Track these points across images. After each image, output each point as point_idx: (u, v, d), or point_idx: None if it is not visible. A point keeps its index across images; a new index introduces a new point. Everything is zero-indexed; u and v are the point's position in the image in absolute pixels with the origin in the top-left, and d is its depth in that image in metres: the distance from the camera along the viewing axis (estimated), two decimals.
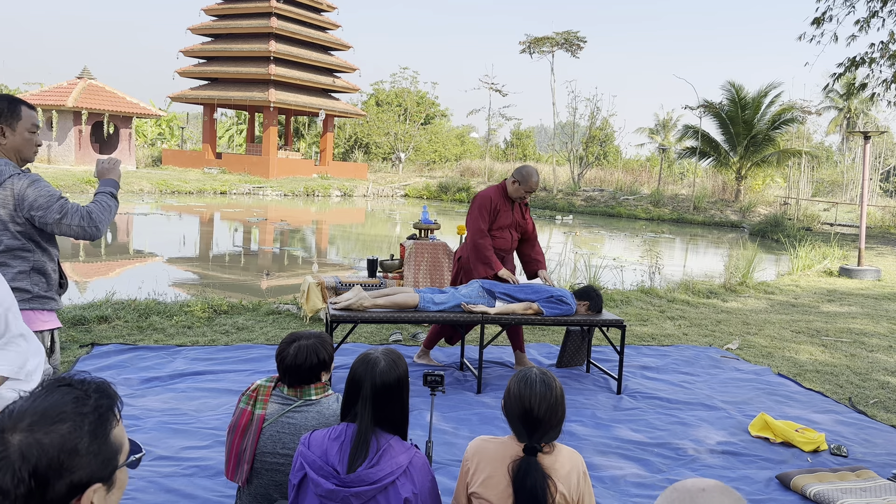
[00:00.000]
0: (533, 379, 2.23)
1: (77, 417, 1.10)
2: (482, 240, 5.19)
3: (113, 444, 1.13)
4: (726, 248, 17.97)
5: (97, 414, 1.12)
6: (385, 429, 2.17)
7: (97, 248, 12.42)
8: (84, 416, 1.10)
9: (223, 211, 20.43)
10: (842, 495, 3.47)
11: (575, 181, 31.23)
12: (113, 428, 1.14)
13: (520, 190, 5.25)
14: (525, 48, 31.81)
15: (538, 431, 2.19)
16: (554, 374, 2.30)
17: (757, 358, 6.26)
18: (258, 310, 6.85)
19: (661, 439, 4.21)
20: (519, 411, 2.21)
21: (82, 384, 1.15)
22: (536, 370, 2.28)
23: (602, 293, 6.68)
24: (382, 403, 2.17)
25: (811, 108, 28.92)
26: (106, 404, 1.14)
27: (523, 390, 2.21)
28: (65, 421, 1.09)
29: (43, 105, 27.64)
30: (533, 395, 2.19)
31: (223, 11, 32.09)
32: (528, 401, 2.19)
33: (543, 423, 2.19)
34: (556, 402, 2.21)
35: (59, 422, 1.08)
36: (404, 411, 2.23)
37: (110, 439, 1.13)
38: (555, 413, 2.21)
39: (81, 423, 1.10)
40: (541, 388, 2.20)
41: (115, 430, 1.14)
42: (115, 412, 1.16)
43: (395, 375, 2.20)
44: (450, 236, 11.68)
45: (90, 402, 1.13)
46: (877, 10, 14.49)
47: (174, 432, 3.88)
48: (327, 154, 34.23)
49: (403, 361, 2.28)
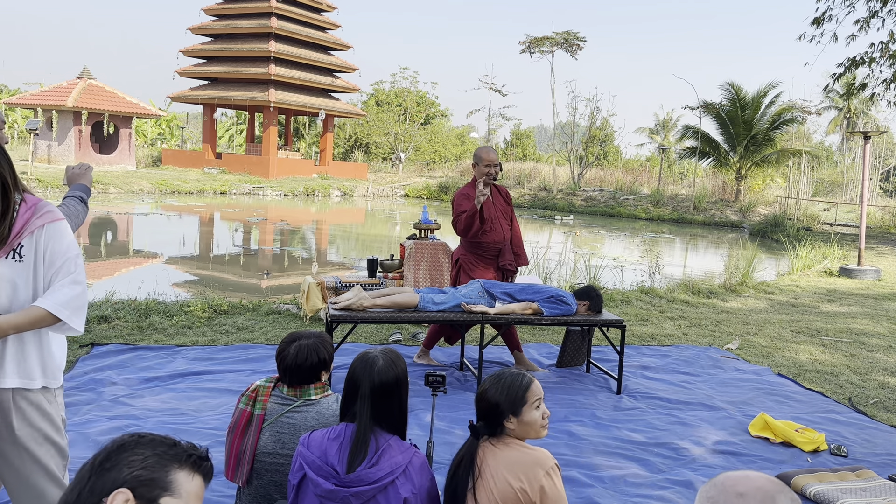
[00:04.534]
0: (497, 375, 2.33)
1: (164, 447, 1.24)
2: (460, 215, 5.21)
3: (168, 480, 1.20)
4: (726, 248, 17.97)
5: (182, 451, 1.24)
6: (384, 428, 2.17)
7: (97, 248, 12.42)
8: (171, 446, 1.24)
9: (223, 211, 20.43)
10: (842, 495, 3.47)
11: (575, 181, 31.23)
12: (182, 469, 1.22)
13: (481, 168, 5.23)
14: (525, 48, 31.81)
15: (485, 420, 2.27)
16: (514, 369, 2.36)
17: (757, 358, 6.26)
18: (258, 310, 6.85)
19: (661, 439, 4.21)
20: (477, 399, 2.32)
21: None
22: (506, 369, 2.38)
23: (602, 293, 6.68)
24: (380, 402, 2.17)
25: (811, 108, 28.94)
26: (196, 455, 1.25)
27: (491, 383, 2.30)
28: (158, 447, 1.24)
29: (43, 105, 27.64)
30: (490, 387, 2.29)
31: (223, 11, 32.08)
32: (483, 391, 2.29)
33: (489, 412, 2.26)
34: (500, 393, 2.25)
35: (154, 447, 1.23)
36: (403, 411, 2.23)
37: (171, 473, 1.20)
38: (494, 401, 2.26)
39: (157, 446, 1.23)
40: (492, 380, 2.31)
41: (181, 473, 1.22)
42: (195, 464, 1.24)
43: (394, 374, 2.20)
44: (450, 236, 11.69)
45: (184, 448, 1.26)
46: (877, 10, 14.49)
47: (174, 432, 3.88)
48: (327, 154, 34.22)
49: (402, 361, 2.28)
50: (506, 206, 5.44)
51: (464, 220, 5.16)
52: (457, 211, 5.27)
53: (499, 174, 5.32)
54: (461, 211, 5.23)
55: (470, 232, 5.20)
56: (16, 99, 29.06)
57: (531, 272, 9.70)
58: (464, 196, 5.30)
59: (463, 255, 5.39)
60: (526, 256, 5.58)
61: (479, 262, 5.36)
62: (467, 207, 5.20)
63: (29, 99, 28.50)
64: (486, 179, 5.21)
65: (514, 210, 5.57)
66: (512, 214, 5.51)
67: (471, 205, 5.19)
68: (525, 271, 9.01)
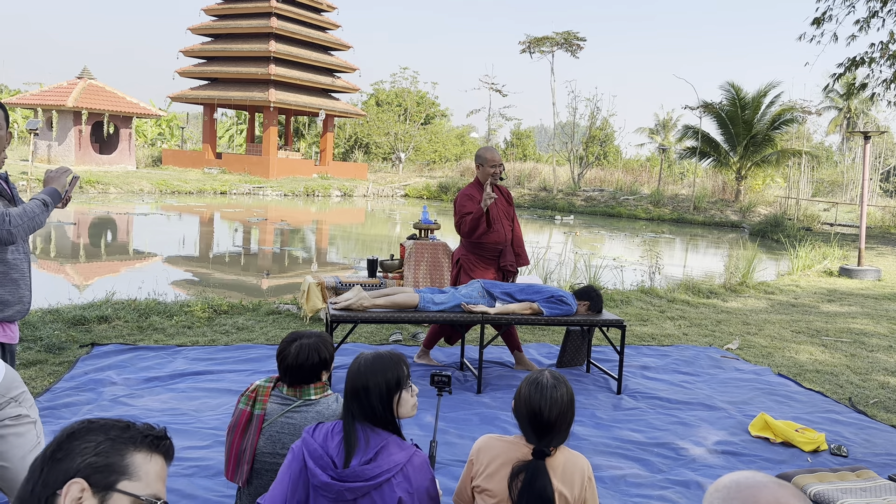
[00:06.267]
0: (545, 384, 2.24)
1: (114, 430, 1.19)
2: (465, 216, 5.19)
3: (124, 464, 1.15)
4: (726, 248, 17.96)
5: (137, 432, 1.20)
6: (376, 424, 2.16)
7: (97, 248, 12.42)
8: (124, 429, 1.19)
9: (223, 211, 20.43)
10: (842, 495, 3.47)
11: (575, 181, 31.23)
12: (138, 451, 1.17)
13: (487, 169, 5.23)
14: (525, 48, 31.80)
15: (548, 436, 2.21)
16: (565, 378, 2.30)
17: (757, 358, 6.25)
18: (258, 310, 6.85)
19: (661, 439, 4.21)
20: (529, 415, 2.22)
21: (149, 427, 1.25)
22: (549, 374, 2.29)
23: (602, 293, 6.68)
24: (356, 399, 2.16)
25: (811, 108, 28.91)
26: (153, 435, 1.21)
27: (534, 394, 2.22)
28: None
29: (43, 105, 27.63)
30: (544, 400, 2.20)
31: (223, 11, 32.08)
32: (538, 405, 2.20)
33: (553, 428, 2.20)
34: (566, 408, 2.23)
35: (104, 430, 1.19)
36: (386, 408, 2.18)
37: (127, 457, 1.16)
38: (565, 418, 2.23)
39: (108, 432, 1.18)
40: (552, 394, 2.21)
41: (138, 455, 1.17)
42: (152, 444, 1.20)
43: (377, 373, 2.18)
44: (450, 236, 11.69)
45: (139, 429, 1.21)
46: (877, 10, 14.49)
47: (174, 432, 3.88)
48: (327, 154, 34.22)
49: (392, 361, 2.23)
50: (507, 207, 5.44)
51: (469, 222, 5.16)
52: (460, 212, 5.25)
53: (503, 174, 5.34)
54: (466, 212, 5.21)
55: (475, 233, 5.20)
56: (16, 99, 29.07)
57: (531, 272, 9.70)
58: (467, 197, 5.29)
59: (463, 256, 5.39)
60: (526, 257, 5.58)
61: (480, 263, 5.35)
62: (471, 209, 5.19)
63: (29, 99, 28.49)
64: (493, 180, 5.23)
65: (515, 210, 5.57)
66: (513, 215, 5.51)
67: (474, 206, 5.18)
68: (525, 271, 9.01)
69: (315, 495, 2.08)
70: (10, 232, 2.71)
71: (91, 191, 22.54)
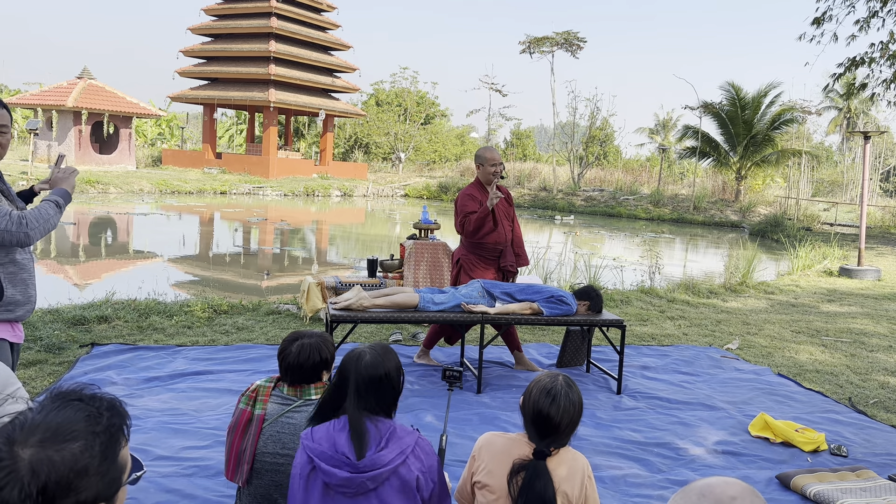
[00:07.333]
0: (558, 390, 2.24)
1: (89, 436, 1.08)
2: (469, 216, 5.18)
3: (120, 464, 1.12)
4: (726, 248, 17.96)
5: (108, 434, 1.10)
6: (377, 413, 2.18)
7: (97, 247, 12.42)
8: (96, 435, 1.08)
9: (223, 211, 20.43)
10: (842, 495, 3.47)
11: (575, 181, 31.23)
12: (121, 448, 1.13)
13: (487, 169, 5.24)
14: (525, 48, 31.80)
15: (552, 437, 2.22)
16: (576, 383, 2.31)
17: (757, 358, 6.26)
18: (258, 310, 6.85)
19: (661, 439, 4.21)
20: (538, 416, 2.23)
21: (94, 400, 1.13)
22: (563, 379, 2.29)
23: (602, 293, 6.68)
24: (368, 394, 2.18)
25: (811, 108, 28.92)
26: (117, 424, 1.13)
27: (544, 399, 2.23)
28: (77, 439, 1.06)
29: (43, 105, 27.63)
30: (555, 406, 2.21)
31: (223, 11, 32.08)
32: (548, 409, 2.21)
33: (559, 432, 2.22)
34: (576, 415, 2.25)
35: (71, 440, 1.06)
36: (399, 391, 2.24)
37: (118, 460, 1.11)
38: (572, 424, 2.25)
39: (93, 442, 1.08)
40: (564, 402, 2.22)
41: (122, 451, 1.13)
42: (124, 432, 1.14)
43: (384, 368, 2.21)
44: (450, 236, 11.69)
45: (103, 420, 1.11)
46: (877, 10, 14.48)
47: (174, 432, 3.88)
48: (327, 154, 34.22)
49: (386, 356, 2.25)
50: (507, 207, 5.44)
51: (475, 221, 5.16)
52: (462, 212, 5.25)
53: (504, 172, 5.34)
54: (469, 212, 5.21)
55: (481, 232, 5.21)
56: (16, 99, 29.06)
57: (531, 272, 9.70)
58: (468, 196, 5.29)
59: (464, 256, 5.39)
60: (526, 257, 5.58)
61: (480, 263, 5.36)
62: (474, 208, 5.19)
63: (29, 99, 28.49)
64: (494, 180, 5.24)
65: (514, 210, 5.57)
66: (513, 215, 5.51)
67: (476, 205, 5.19)
68: (525, 271, 9.01)
69: (327, 495, 2.09)
70: (27, 234, 2.74)
71: (91, 191, 22.54)
